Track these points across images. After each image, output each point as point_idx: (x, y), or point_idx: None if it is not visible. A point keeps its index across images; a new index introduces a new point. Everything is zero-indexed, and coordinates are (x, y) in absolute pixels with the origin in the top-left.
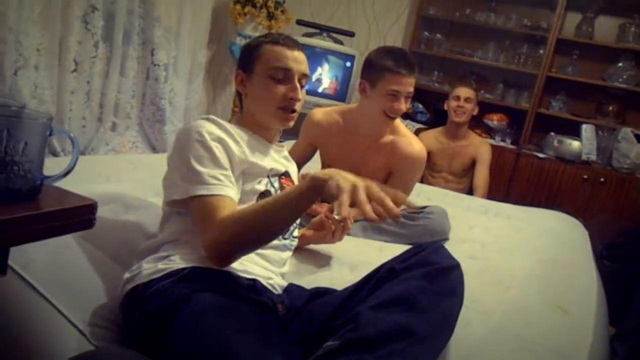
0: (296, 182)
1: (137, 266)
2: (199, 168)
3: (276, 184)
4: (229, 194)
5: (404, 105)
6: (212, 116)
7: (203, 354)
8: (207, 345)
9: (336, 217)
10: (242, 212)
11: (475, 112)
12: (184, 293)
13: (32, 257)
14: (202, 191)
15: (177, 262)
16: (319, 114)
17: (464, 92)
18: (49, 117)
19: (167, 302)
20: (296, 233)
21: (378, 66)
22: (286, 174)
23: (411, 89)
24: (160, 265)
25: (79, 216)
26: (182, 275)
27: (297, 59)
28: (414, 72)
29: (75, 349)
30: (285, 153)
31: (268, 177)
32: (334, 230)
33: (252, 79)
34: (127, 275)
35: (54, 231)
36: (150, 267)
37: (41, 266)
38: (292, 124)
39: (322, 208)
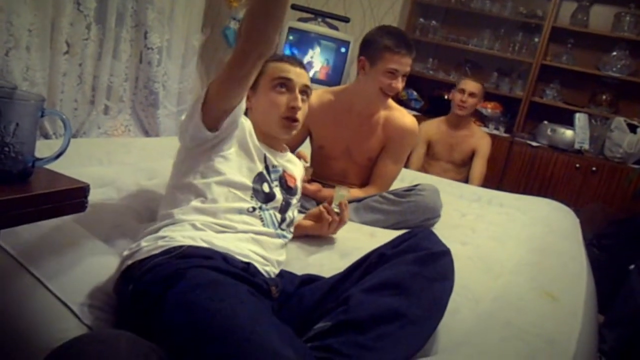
0: (300, 181)
1: (136, 244)
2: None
3: (273, 175)
4: None
5: (400, 84)
6: None
7: (199, 327)
8: (203, 318)
9: (335, 209)
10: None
11: (480, 105)
12: (180, 268)
13: (24, 239)
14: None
15: (177, 240)
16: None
17: (470, 86)
18: (41, 99)
19: (163, 276)
20: (292, 229)
21: (379, 45)
22: (286, 171)
23: (408, 69)
24: (160, 242)
25: (71, 199)
26: (179, 253)
27: (298, 73)
28: (412, 52)
29: (68, 329)
30: (289, 156)
31: (267, 166)
32: (330, 222)
33: (257, 93)
34: (126, 252)
35: (45, 214)
36: (149, 245)
37: (33, 248)
38: (294, 132)
39: (312, 187)
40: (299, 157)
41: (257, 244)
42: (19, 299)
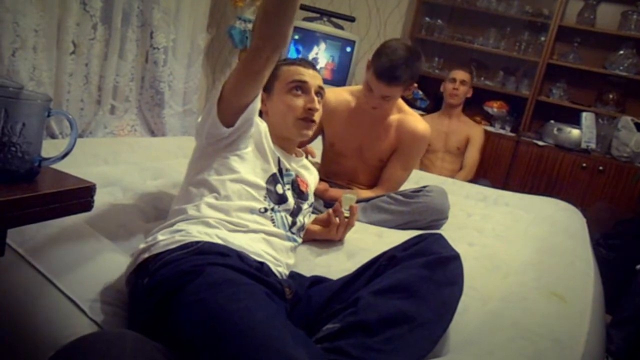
0: (313, 188)
1: (152, 237)
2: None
3: (286, 179)
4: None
5: (376, 102)
6: None
7: (214, 325)
8: (219, 317)
9: (345, 213)
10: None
11: (469, 95)
12: (196, 264)
13: (32, 238)
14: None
15: (194, 235)
16: (328, 92)
17: (460, 74)
18: (48, 99)
19: (179, 271)
20: (302, 234)
21: (375, 60)
22: (298, 176)
23: (388, 94)
24: (177, 237)
25: (78, 198)
26: (195, 248)
27: (312, 75)
28: (395, 84)
29: (77, 326)
30: (304, 162)
31: (280, 169)
32: (338, 226)
33: (273, 96)
34: (142, 246)
35: (52, 213)
36: (166, 239)
37: (41, 247)
38: (310, 133)
39: (320, 186)
40: (307, 152)
41: (268, 244)
42: (28, 298)
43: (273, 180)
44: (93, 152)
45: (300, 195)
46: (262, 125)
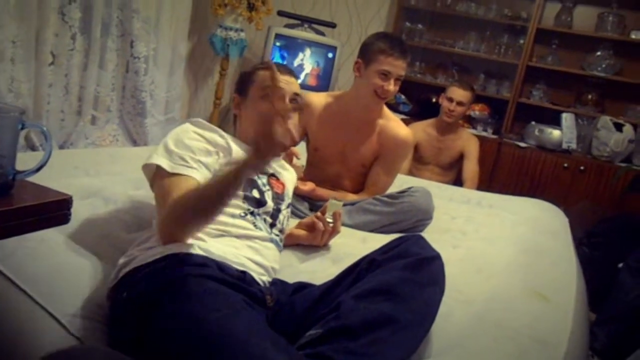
0: (290, 188)
1: (130, 252)
2: (172, 147)
3: (264, 180)
4: (191, 174)
5: (393, 87)
6: (199, 119)
7: (194, 336)
8: (198, 328)
9: (328, 219)
10: (183, 196)
11: (468, 112)
12: (175, 276)
13: (10, 251)
14: (164, 164)
15: (170, 248)
16: (311, 96)
17: (458, 94)
18: (20, 111)
19: (157, 284)
20: (283, 236)
21: (373, 47)
22: (274, 176)
23: (402, 72)
24: (159, 249)
25: (54, 211)
26: (173, 261)
27: (288, 81)
28: (406, 56)
29: (56, 340)
30: (281, 162)
31: None
32: (323, 232)
33: (247, 102)
34: (122, 260)
35: (28, 227)
36: (144, 253)
37: (19, 260)
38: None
39: (307, 187)
40: (291, 154)
41: (253, 250)
42: (8, 313)
43: (247, 185)
44: (73, 164)
45: (276, 195)
46: (221, 141)
